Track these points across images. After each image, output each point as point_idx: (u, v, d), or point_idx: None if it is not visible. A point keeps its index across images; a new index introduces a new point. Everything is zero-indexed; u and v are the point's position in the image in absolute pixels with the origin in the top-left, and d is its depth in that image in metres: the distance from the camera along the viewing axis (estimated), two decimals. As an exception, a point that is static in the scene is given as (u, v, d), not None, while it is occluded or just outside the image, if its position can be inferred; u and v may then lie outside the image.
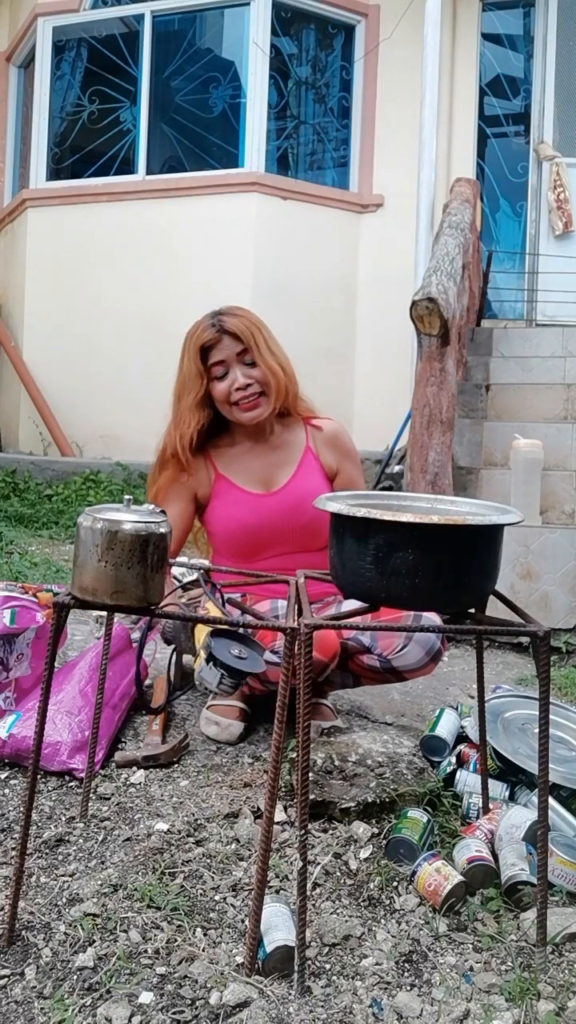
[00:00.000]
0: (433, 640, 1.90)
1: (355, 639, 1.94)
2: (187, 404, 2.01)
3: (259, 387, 1.99)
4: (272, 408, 2.03)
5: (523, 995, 1.19)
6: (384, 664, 1.92)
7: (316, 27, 6.12)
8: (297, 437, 2.11)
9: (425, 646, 1.90)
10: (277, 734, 1.21)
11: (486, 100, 6.08)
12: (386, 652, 1.90)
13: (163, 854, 1.50)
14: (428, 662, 1.92)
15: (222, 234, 5.74)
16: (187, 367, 2.01)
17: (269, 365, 1.99)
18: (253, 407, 2.00)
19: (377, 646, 1.92)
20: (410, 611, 1.83)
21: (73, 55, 6.45)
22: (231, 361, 1.99)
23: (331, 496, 1.35)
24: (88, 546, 1.20)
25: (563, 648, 3.03)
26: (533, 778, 1.70)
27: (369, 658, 1.93)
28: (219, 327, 1.99)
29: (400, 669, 1.93)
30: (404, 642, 1.89)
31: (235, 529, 2.04)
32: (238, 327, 1.98)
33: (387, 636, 1.91)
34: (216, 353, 1.99)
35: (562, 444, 3.93)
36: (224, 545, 2.08)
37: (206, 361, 1.99)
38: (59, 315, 6.10)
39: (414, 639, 1.89)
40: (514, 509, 1.29)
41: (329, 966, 1.25)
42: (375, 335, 5.84)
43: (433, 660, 1.92)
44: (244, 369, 1.98)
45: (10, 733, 1.77)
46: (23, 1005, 1.15)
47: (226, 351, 1.98)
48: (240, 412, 2.00)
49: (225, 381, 1.99)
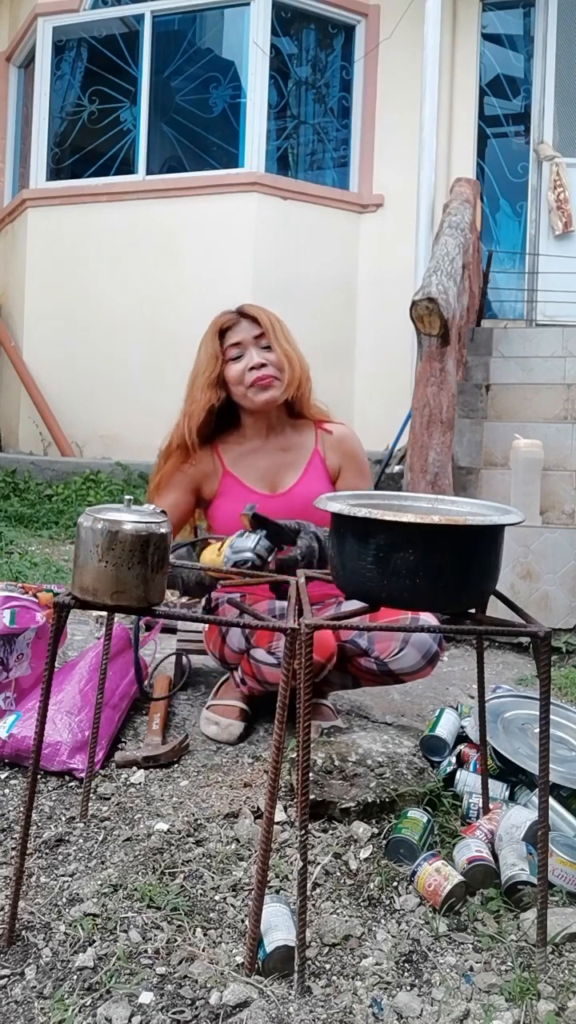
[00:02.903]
0: (429, 643, 1.90)
1: (352, 642, 1.94)
2: (200, 384, 2.01)
3: (274, 369, 2.00)
4: (285, 395, 2.02)
5: (523, 995, 1.19)
6: (381, 667, 1.92)
7: (316, 27, 6.12)
8: (306, 440, 2.11)
9: (421, 649, 1.90)
10: (277, 734, 1.21)
11: (486, 100, 6.08)
12: (383, 655, 1.90)
13: (163, 854, 1.50)
14: (425, 665, 1.92)
15: (222, 234, 5.74)
16: (203, 350, 2.03)
17: (285, 351, 2.01)
18: (267, 386, 1.99)
19: (374, 649, 1.92)
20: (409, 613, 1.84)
21: (73, 55, 6.45)
22: (247, 343, 2.00)
23: (332, 496, 1.35)
24: (88, 546, 1.20)
25: (563, 648, 3.03)
26: (533, 778, 1.70)
27: (367, 661, 1.93)
28: (238, 311, 2.03)
29: (397, 672, 1.93)
30: (400, 646, 1.89)
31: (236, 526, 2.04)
32: (257, 312, 2.02)
33: (384, 640, 1.91)
34: (232, 335, 2.00)
35: (562, 444, 3.92)
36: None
37: (223, 344, 2.01)
38: (59, 315, 6.10)
39: (410, 643, 1.88)
40: (514, 509, 1.29)
41: (329, 966, 1.25)
42: (375, 335, 5.84)
43: (430, 663, 1.92)
44: (260, 351, 2.00)
45: (10, 733, 1.77)
46: (23, 1005, 1.15)
47: (243, 333, 2.00)
48: (254, 393, 1.99)
49: (240, 362, 2.00)
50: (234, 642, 1.96)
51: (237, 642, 1.96)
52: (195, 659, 2.41)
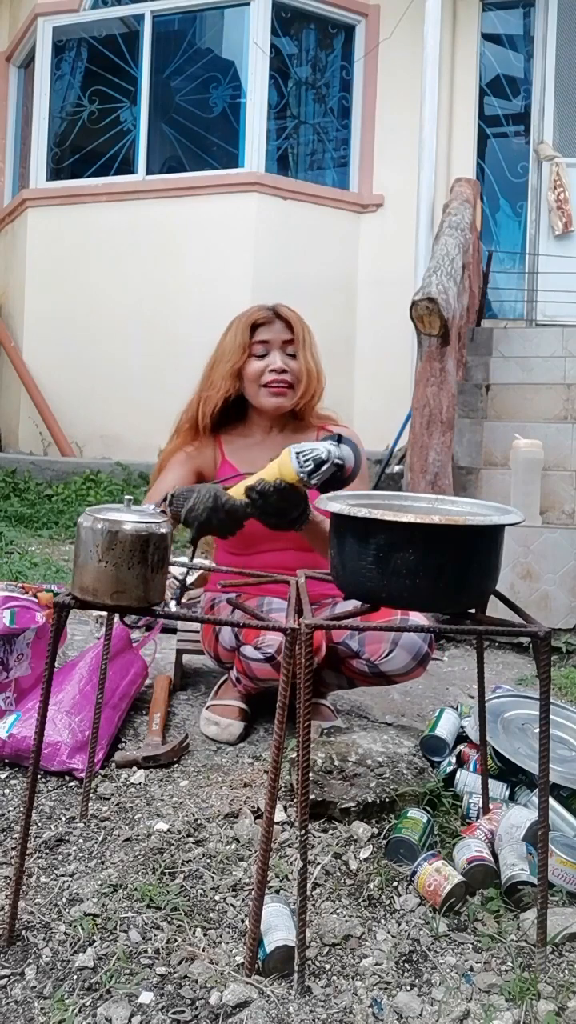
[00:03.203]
0: (419, 645, 1.89)
1: (344, 644, 1.94)
2: (221, 372, 2.02)
3: (292, 378, 2.02)
4: (295, 404, 2.05)
5: (523, 995, 1.19)
6: (373, 669, 1.92)
7: (316, 27, 6.12)
8: (307, 439, 2.11)
9: (411, 651, 1.89)
10: (277, 734, 1.21)
11: (486, 100, 6.08)
12: (373, 657, 1.90)
13: (163, 854, 1.50)
14: (416, 666, 1.91)
15: (222, 234, 5.74)
16: (230, 339, 2.03)
17: (308, 363, 2.03)
18: (280, 393, 2.01)
19: (365, 651, 1.91)
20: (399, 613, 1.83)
21: (73, 55, 6.45)
22: (275, 344, 2.01)
23: (332, 496, 1.35)
24: (88, 546, 1.20)
25: (563, 648, 3.03)
26: (533, 778, 1.70)
27: (359, 663, 1.93)
28: (274, 311, 2.04)
29: (388, 674, 1.93)
30: (390, 647, 1.89)
31: None
32: (292, 317, 2.04)
33: (374, 642, 1.91)
34: (264, 332, 2.01)
35: (562, 444, 3.92)
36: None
37: (251, 337, 2.01)
38: (59, 315, 6.10)
39: (400, 644, 1.88)
40: (514, 509, 1.29)
41: (329, 966, 1.25)
42: (375, 335, 5.84)
43: (420, 664, 1.91)
44: (284, 357, 2.02)
45: (10, 733, 1.77)
46: (23, 1005, 1.15)
47: (274, 333, 2.02)
48: (266, 395, 2.01)
49: (263, 361, 2.01)
50: (225, 640, 1.97)
51: (228, 640, 1.96)
52: (195, 659, 2.41)
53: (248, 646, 1.90)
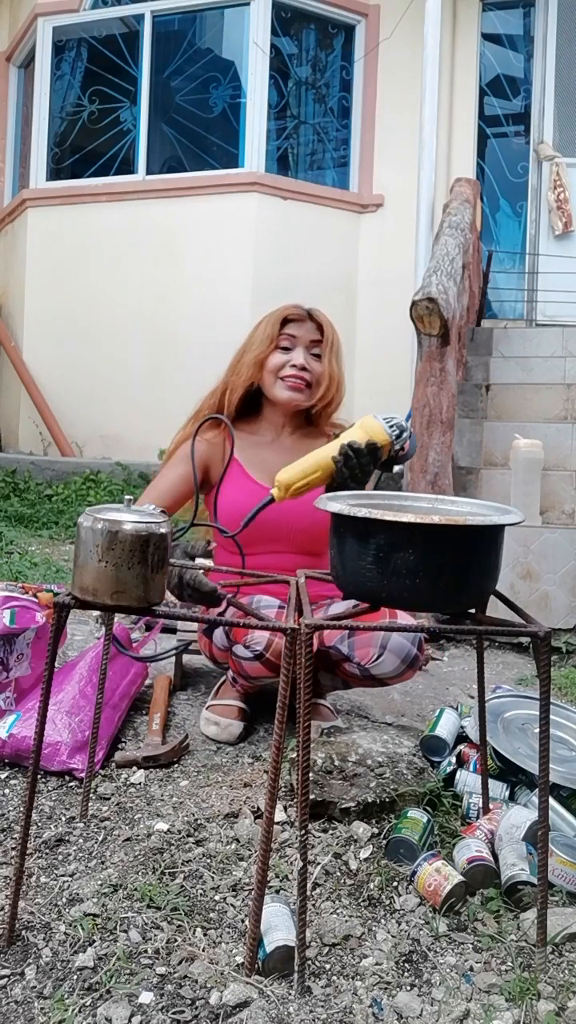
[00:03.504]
0: (408, 648, 1.89)
1: (335, 648, 1.94)
2: (248, 360, 2.06)
3: (311, 377, 2.04)
4: (309, 403, 2.08)
5: (523, 995, 1.19)
6: (364, 672, 1.92)
7: (316, 27, 6.12)
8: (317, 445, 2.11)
9: (399, 655, 1.88)
10: (277, 734, 1.21)
11: (486, 100, 6.08)
12: (363, 662, 1.90)
13: (163, 854, 1.50)
14: (405, 669, 1.91)
15: (222, 234, 5.74)
16: (261, 330, 2.07)
17: (331, 368, 2.06)
18: (296, 388, 2.04)
19: (355, 655, 1.91)
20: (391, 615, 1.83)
21: (73, 55, 6.46)
22: (301, 341, 2.05)
23: (331, 496, 1.35)
24: (88, 546, 1.20)
25: (563, 648, 3.03)
26: (533, 778, 1.70)
27: (350, 666, 1.93)
28: (307, 311, 2.08)
29: (379, 677, 1.92)
30: (379, 652, 1.88)
31: (235, 516, 2.04)
32: (324, 320, 2.08)
33: (363, 646, 1.90)
34: (293, 327, 2.05)
35: (562, 444, 3.93)
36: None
37: (281, 330, 2.05)
38: (59, 315, 6.10)
39: (388, 649, 1.88)
40: (514, 509, 1.29)
41: (329, 966, 1.25)
42: (375, 335, 5.84)
43: (410, 667, 1.91)
44: (308, 356, 2.05)
45: (10, 733, 1.77)
46: (23, 1005, 1.15)
47: (303, 331, 2.05)
48: (282, 388, 2.04)
49: (286, 355, 2.04)
50: (218, 640, 1.97)
51: (220, 640, 1.96)
52: (195, 659, 2.41)
53: (239, 645, 1.90)
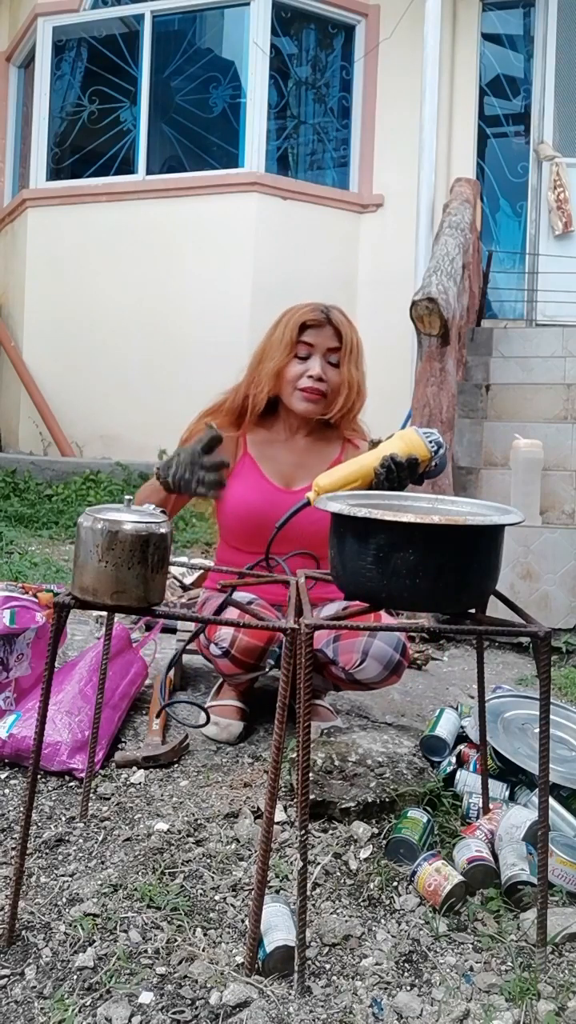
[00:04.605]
0: (390, 655, 1.88)
1: (321, 652, 1.94)
2: (268, 370, 2.00)
3: (327, 387, 2.00)
4: (326, 414, 2.03)
5: (523, 995, 1.19)
6: (348, 677, 1.91)
7: (316, 27, 6.12)
8: (331, 449, 2.11)
9: (381, 661, 1.88)
10: (277, 734, 1.21)
11: (486, 100, 6.08)
12: (347, 667, 1.89)
13: (163, 854, 1.50)
14: (389, 675, 1.90)
15: (222, 234, 5.74)
16: (279, 334, 2.00)
17: (350, 376, 2.00)
18: (311, 400, 2.00)
19: (339, 660, 1.91)
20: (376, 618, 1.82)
21: (73, 55, 6.46)
22: (319, 350, 1.99)
23: (331, 496, 1.35)
24: (88, 546, 1.20)
25: (563, 648, 3.03)
26: (533, 778, 1.70)
27: (336, 670, 1.93)
28: (326, 315, 2.00)
29: (363, 682, 1.92)
30: (361, 657, 1.88)
31: (243, 513, 2.04)
32: (343, 325, 2.00)
33: (346, 651, 1.90)
34: (311, 335, 1.99)
35: (562, 444, 3.93)
36: (229, 525, 2.08)
37: (298, 337, 1.99)
38: (59, 315, 6.10)
39: (370, 655, 1.87)
40: (514, 509, 1.29)
41: (329, 966, 1.25)
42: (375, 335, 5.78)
43: (393, 672, 1.90)
44: (325, 364, 1.99)
45: (10, 733, 1.77)
46: (23, 1005, 1.15)
47: (321, 338, 1.99)
48: (299, 399, 2.00)
49: (303, 364, 1.99)
50: (203, 639, 1.97)
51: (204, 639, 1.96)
52: (195, 659, 2.41)
53: (213, 644, 1.90)
